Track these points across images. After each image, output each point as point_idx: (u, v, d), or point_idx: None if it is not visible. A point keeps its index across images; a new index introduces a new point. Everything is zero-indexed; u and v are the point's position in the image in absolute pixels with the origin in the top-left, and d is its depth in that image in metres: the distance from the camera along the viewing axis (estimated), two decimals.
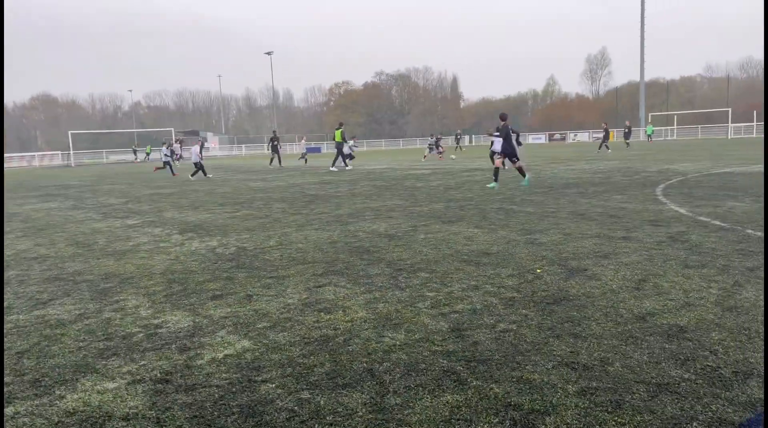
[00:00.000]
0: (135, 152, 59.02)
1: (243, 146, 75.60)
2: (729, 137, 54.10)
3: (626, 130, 39.33)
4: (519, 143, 22.40)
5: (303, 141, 36.35)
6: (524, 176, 13.38)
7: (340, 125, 26.30)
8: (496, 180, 13.06)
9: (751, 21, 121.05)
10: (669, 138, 61.25)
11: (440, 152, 32.84)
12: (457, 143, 43.57)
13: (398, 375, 3.18)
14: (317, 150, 68.81)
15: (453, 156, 32.39)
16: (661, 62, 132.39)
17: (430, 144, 33.67)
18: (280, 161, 30.03)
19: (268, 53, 79.71)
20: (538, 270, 5.37)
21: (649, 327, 3.76)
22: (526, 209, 9.54)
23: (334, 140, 25.88)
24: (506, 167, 20.71)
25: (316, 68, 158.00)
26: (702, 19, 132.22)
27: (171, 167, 26.58)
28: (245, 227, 9.01)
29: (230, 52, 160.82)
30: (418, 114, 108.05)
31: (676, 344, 3.47)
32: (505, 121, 12.97)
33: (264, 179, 20.63)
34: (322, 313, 4.36)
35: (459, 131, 46.43)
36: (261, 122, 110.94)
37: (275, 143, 29.62)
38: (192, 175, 22.84)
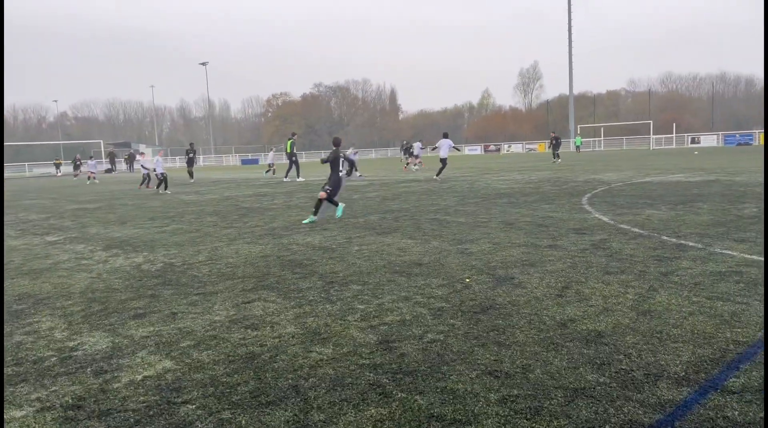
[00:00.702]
0: (57, 166, 55.32)
1: (177, 157, 73.50)
2: (651, 148, 57.10)
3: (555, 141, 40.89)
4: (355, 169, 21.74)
5: (272, 152, 35.54)
6: (319, 209, 10.57)
7: (293, 134, 25.68)
8: (315, 214, 10.52)
9: (669, 39, 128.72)
10: (596, 149, 64.04)
11: (413, 163, 30.10)
12: (406, 154, 43.39)
13: (323, 391, 3.15)
14: (255, 161, 67.92)
15: (415, 167, 30.42)
16: (589, 77, 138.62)
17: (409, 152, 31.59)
18: (191, 175, 29.12)
19: (203, 64, 78.20)
20: (467, 280, 5.47)
21: (569, 333, 3.89)
22: (458, 220, 9.71)
23: (285, 151, 25.19)
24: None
25: (253, 79, 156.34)
26: (626, 36, 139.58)
27: (147, 180, 24.62)
28: (174, 242, 8.73)
29: (164, 62, 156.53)
30: (358, 125, 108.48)
31: (593, 349, 3.60)
32: (338, 146, 11.46)
33: (197, 192, 20.11)
34: (249, 330, 4.27)
35: (405, 141, 46.36)
36: (197, 133, 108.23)
37: (191, 155, 28.96)
38: (165, 188, 21.00)
